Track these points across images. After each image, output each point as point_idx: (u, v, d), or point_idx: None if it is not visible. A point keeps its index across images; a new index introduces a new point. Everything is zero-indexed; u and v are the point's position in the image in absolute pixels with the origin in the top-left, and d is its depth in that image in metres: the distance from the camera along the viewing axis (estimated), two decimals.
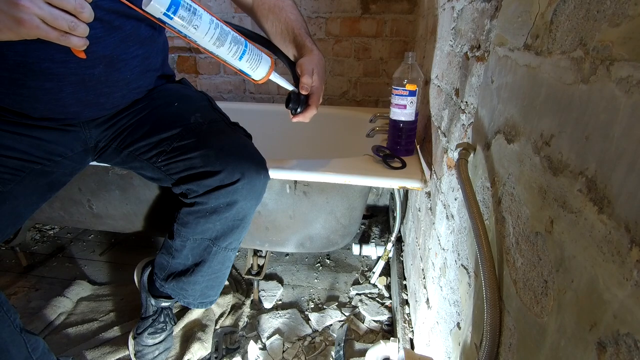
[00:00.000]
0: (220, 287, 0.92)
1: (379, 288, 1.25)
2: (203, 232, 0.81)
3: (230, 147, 0.78)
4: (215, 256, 0.84)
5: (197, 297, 0.89)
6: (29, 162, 0.74)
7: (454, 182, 0.63)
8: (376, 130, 1.15)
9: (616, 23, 0.24)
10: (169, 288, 0.89)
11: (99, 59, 0.70)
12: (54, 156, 0.78)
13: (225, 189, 0.75)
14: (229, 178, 0.75)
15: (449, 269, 0.63)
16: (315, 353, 1.01)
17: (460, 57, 0.66)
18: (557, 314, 0.29)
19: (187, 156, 0.77)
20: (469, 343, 0.49)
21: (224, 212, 0.78)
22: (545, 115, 0.33)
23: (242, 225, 0.82)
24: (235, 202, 0.77)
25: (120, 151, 0.83)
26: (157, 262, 0.91)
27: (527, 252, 0.35)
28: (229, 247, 0.84)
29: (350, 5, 1.55)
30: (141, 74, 0.80)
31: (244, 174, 0.76)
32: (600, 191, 0.24)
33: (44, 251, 1.45)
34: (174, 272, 0.88)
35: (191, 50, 1.75)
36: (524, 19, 0.39)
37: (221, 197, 0.76)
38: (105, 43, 0.69)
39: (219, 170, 0.75)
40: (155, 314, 0.97)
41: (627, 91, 0.22)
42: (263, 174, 0.80)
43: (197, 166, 0.76)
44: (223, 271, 0.88)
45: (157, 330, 0.96)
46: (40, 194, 0.78)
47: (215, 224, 0.79)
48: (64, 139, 0.79)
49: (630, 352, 0.21)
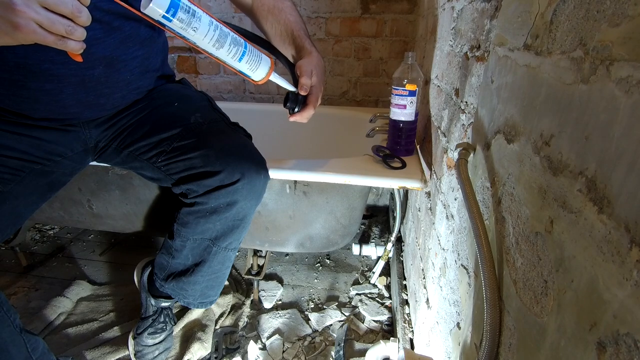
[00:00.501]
0: (220, 287, 0.92)
1: (379, 288, 1.25)
2: (203, 232, 0.81)
3: (230, 147, 0.78)
4: (215, 256, 0.84)
5: (197, 297, 0.89)
6: (29, 162, 0.74)
7: (453, 182, 0.63)
8: (376, 130, 1.15)
9: (616, 23, 0.24)
10: (169, 288, 0.89)
11: (99, 60, 0.70)
12: (54, 156, 0.78)
13: (225, 189, 0.75)
14: (229, 178, 0.75)
15: (448, 269, 0.63)
16: (315, 353, 1.01)
17: (460, 57, 0.66)
18: (557, 314, 0.29)
19: (187, 156, 0.77)
20: (469, 343, 0.49)
21: (224, 212, 0.78)
22: (545, 115, 0.33)
23: (242, 225, 0.82)
24: (236, 202, 0.77)
25: (120, 151, 0.83)
26: (157, 262, 0.91)
27: (527, 252, 0.35)
28: (229, 247, 0.84)
29: (350, 5, 1.55)
30: (141, 75, 0.80)
31: (244, 174, 0.76)
32: (600, 191, 0.24)
33: (44, 251, 1.45)
34: (174, 272, 0.88)
35: (191, 50, 1.75)
36: (523, 19, 0.39)
37: (221, 197, 0.76)
38: (105, 44, 0.69)
39: (219, 170, 0.75)
40: (155, 314, 0.97)
41: (627, 91, 0.22)
42: (263, 174, 0.80)
43: (197, 166, 0.76)
44: (223, 271, 0.88)
45: (157, 330, 0.96)
46: (41, 194, 0.78)
47: (215, 224, 0.79)
48: (64, 139, 0.79)
49: (630, 352, 0.21)
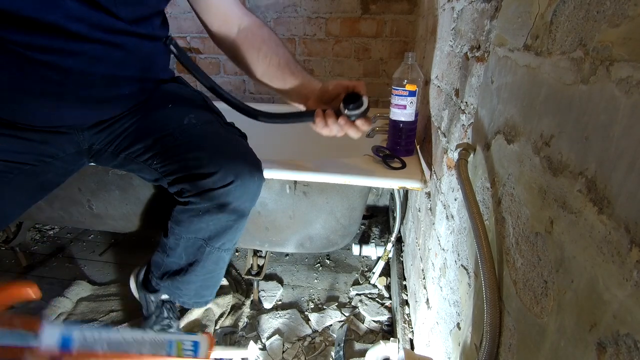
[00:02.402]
0: (216, 287, 0.92)
1: (379, 288, 1.25)
2: (196, 232, 0.81)
3: (224, 148, 0.78)
4: (209, 256, 0.83)
5: (191, 297, 0.89)
6: (18, 163, 0.73)
7: (453, 183, 0.63)
8: (376, 131, 1.15)
9: (616, 23, 0.24)
10: (164, 286, 0.89)
11: (99, 79, 0.69)
12: (45, 157, 0.77)
13: (218, 190, 0.75)
14: (222, 180, 0.75)
15: (448, 270, 0.63)
16: (315, 353, 1.01)
17: (460, 57, 0.66)
18: (557, 314, 0.29)
19: (181, 157, 0.77)
20: (468, 343, 0.49)
21: (216, 212, 0.78)
22: (545, 115, 0.33)
23: (236, 227, 0.82)
24: (229, 203, 0.77)
25: (117, 155, 0.83)
26: (153, 260, 0.91)
27: (527, 252, 0.35)
28: (222, 247, 0.83)
29: (350, 5, 1.55)
30: (141, 88, 0.80)
31: (238, 176, 0.75)
32: (600, 191, 0.24)
33: (43, 251, 1.45)
34: (168, 270, 0.88)
35: (191, 50, 1.75)
36: (523, 20, 0.39)
37: (214, 198, 0.76)
38: (106, 63, 0.68)
39: (213, 172, 0.74)
40: (157, 309, 0.96)
41: (626, 91, 0.22)
42: (257, 176, 0.79)
43: (190, 167, 0.76)
44: (217, 271, 0.88)
45: (164, 327, 0.96)
46: (30, 195, 0.77)
47: (208, 223, 0.79)
48: (55, 140, 0.77)
49: (630, 352, 0.21)
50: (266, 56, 0.78)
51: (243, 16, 0.80)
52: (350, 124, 0.66)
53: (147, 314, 0.97)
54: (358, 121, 0.65)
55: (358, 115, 0.62)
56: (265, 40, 0.78)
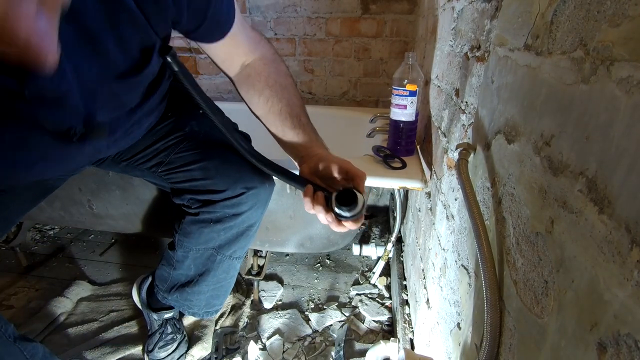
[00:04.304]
0: (226, 296, 0.90)
1: (379, 288, 1.25)
2: (207, 242, 0.79)
3: (230, 158, 0.76)
4: (220, 265, 0.82)
5: (202, 307, 0.87)
6: None
7: (454, 183, 0.63)
8: (376, 131, 1.15)
9: (616, 23, 0.24)
10: (172, 299, 0.87)
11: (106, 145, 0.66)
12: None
13: (230, 200, 0.74)
14: (233, 193, 0.74)
15: (449, 269, 0.63)
16: (315, 353, 1.01)
17: (461, 57, 0.66)
18: (557, 314, 0.29)
19: (186, 168, 0.76)
20: (469, 343, 0.49)
21: (229, 221, 0.77)
22: (545, 115, 0.33)
23: (248, 234, 0.81)
24: (241, 212, 0.76)
25: (119, 162, 0.82)
26: (158, 274, 0.89)
27: (527, 252, 0.35)
28: (233, 255, 0.82)
29: (350, 5, 1.55)
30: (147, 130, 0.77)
31: (248, 187, 0.74)
32: (601, 191, 0.24)
33: (44, 251, 1.45)
34: (176, 283, 0.86)
35: (191, 50, 1.75)
36: (524, 19, 0.39)
37: (226, 208, 0.75)
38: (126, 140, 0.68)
39: (223, 189, 0.73)
40: (161, 327, 0.96)
41: (627, 91, 0.22)
42: (268, 183, 0.78)
43: (197, 178, 0.75)
44: (228, 280, 0.86)
45: (167, 342, 0.95)
46: (32, 200, 0.77)
47: (219, 233, 0.78)
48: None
49: (631, 352, 0.21)
50: (267, 100, 0.70)
51: (249, 53, 0.70)
52: (338, 222, 0.58)
53: (150, 331, 0.97)
54: (347, 222, 0.57)
55: (348, 218, 0.55)
56: (269, 81, 0.69)
